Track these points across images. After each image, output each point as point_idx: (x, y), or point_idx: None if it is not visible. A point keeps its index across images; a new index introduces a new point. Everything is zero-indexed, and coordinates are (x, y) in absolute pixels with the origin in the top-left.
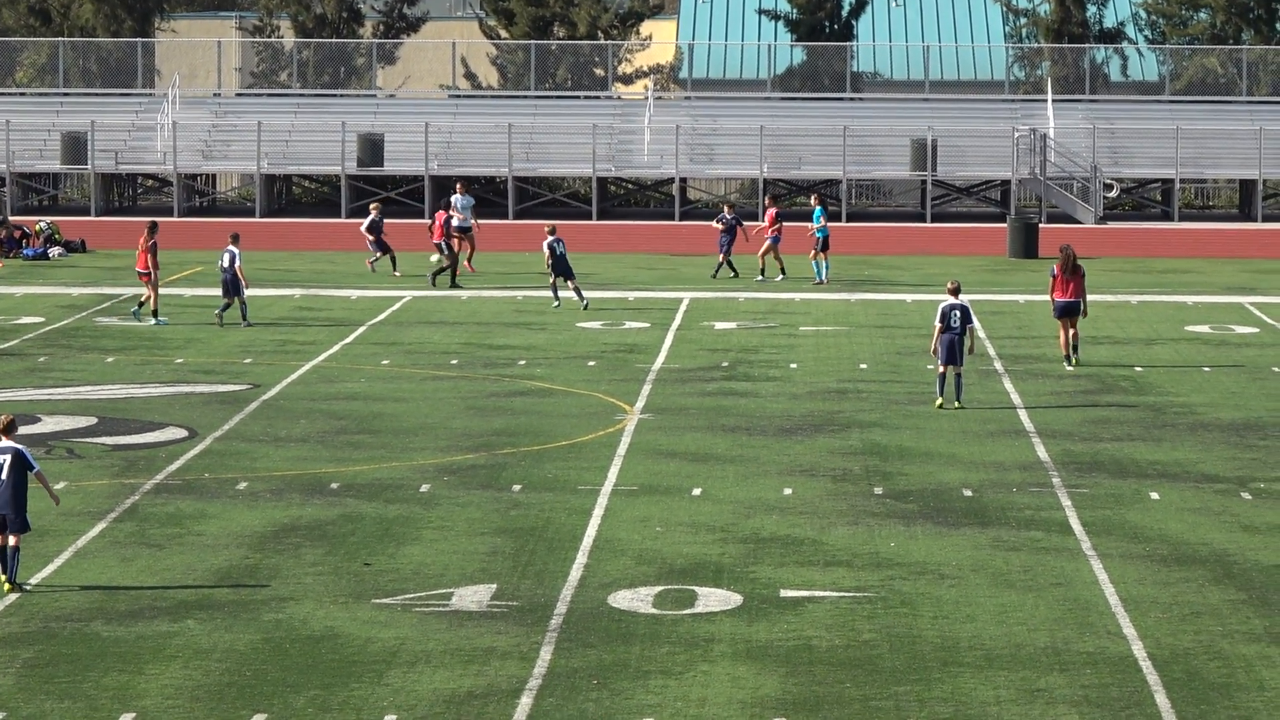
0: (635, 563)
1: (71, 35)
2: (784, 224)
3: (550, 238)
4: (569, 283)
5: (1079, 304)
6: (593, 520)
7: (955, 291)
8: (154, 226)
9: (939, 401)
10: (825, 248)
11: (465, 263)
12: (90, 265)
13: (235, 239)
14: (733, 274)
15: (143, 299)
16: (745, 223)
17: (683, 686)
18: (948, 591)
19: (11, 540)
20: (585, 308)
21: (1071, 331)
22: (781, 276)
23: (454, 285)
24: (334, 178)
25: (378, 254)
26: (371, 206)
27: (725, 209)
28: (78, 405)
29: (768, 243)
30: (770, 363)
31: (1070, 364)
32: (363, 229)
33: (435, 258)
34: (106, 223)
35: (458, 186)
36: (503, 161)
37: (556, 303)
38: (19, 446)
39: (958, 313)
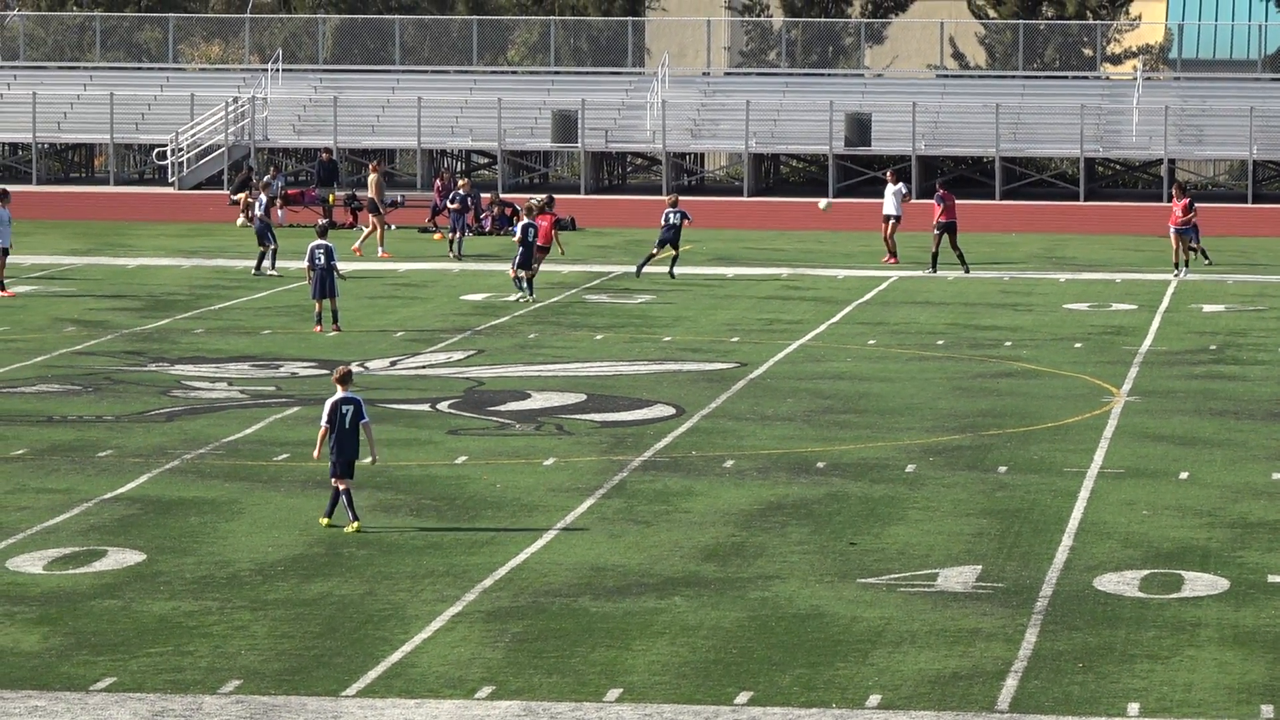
0: (1121, 546)
1: (563, 14)
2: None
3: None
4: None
5: None
6: (1079, 503)
7: None
8: (550, 201)
9: None
10: None
11: (888, 255)
12: (580, 243)
13: (323, 231)
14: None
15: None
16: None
17: (1169, 671)
18: None
19: (341, 485)
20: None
21: None
22: (1182, 271)
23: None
24: (821, 157)
25: (453, 233)
26: (461, 183)
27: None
28: (567, 382)
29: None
30: (1259, 346)
31: None
32: (449, 203)
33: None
34: (596, 201)
35: (888, 174)
36: (990, 142)
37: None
38: (359, 397)
39: None
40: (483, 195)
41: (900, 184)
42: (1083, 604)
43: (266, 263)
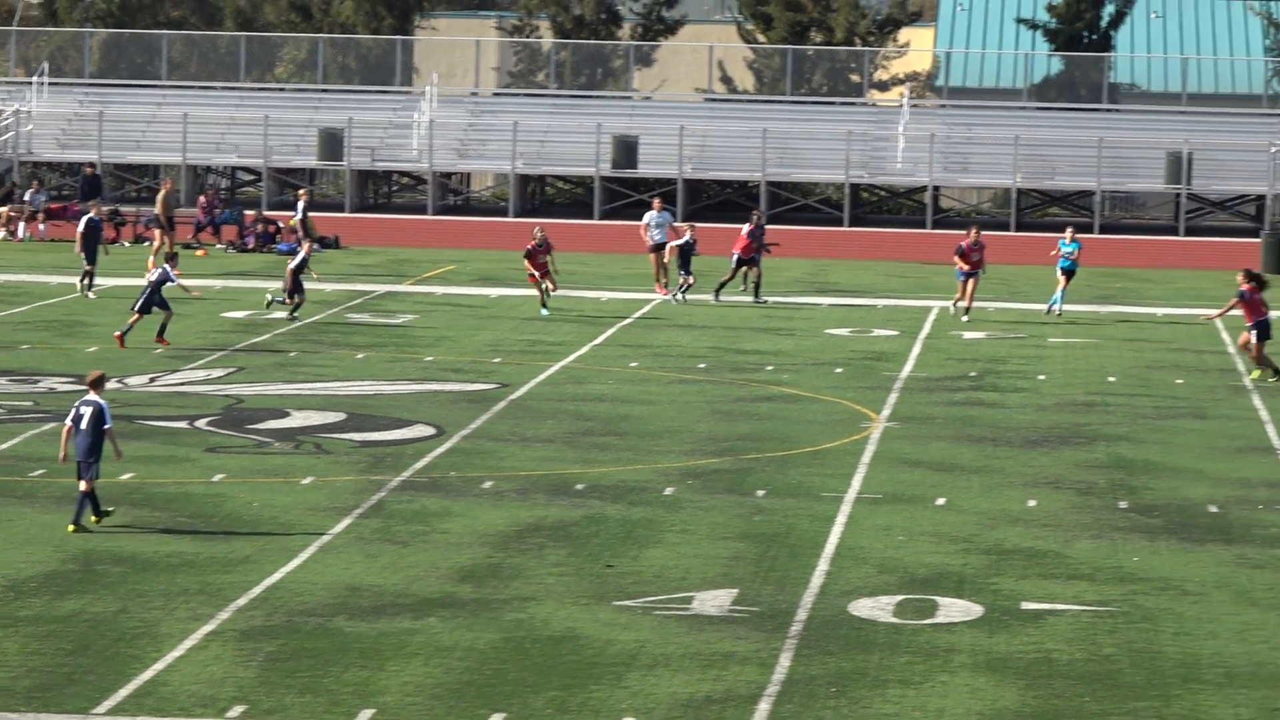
0: (877, 571)
1: (332, 32)
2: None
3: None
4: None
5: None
6: (835, 527)
7: None
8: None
9: None
10: (1069, 275)
11: (660, 285)
12: (343, 261)
13: (172, 258)
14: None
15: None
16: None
17: (921, 696)
18: (1190, 608)
19: (83, 485)
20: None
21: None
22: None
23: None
24: (588, 179)
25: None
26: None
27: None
28: (327, 401)
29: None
30: (1018, 373)
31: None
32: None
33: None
34: (361, 219)
35: (655, 202)
36: (756, 166)
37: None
38: (102, 402)
39: None
40: (246, 212)
41: (665, 211)
42: (837, 629)
43: (87, 281)
